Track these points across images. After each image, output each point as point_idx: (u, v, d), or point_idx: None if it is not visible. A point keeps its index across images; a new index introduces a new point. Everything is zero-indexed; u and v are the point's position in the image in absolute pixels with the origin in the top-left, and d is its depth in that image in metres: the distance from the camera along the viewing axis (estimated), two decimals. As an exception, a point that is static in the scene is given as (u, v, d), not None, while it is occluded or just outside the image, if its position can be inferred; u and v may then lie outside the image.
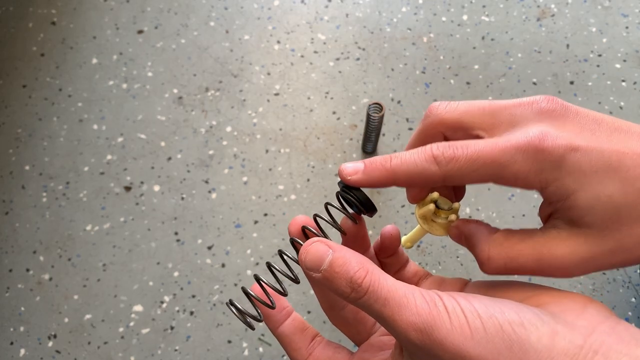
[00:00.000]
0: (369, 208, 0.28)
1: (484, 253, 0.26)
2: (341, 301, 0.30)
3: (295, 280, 0.28)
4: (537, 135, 0.23)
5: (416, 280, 0.32)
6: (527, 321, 0.22)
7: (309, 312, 0.59)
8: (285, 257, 0.28)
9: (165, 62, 0.77)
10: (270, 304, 0.28)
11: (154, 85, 0.75)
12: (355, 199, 0.28)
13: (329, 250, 0.24)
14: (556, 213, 0.25)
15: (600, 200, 0.24)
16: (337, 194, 0.29)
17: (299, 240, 0.27)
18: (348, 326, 0.32)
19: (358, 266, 0.24)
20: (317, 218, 0.28)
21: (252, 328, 0.29)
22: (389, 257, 0.31)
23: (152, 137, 0.71)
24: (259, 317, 0.28)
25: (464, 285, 0.29)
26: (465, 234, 0.27)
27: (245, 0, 0.83)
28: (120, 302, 0.60)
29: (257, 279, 0.28)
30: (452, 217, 0.28)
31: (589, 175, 0.24)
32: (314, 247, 0.25)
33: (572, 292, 0.24)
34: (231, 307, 0.28)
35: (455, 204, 0.28)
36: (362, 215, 0.29)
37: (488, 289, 0.27)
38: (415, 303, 0.22)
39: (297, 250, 0.26)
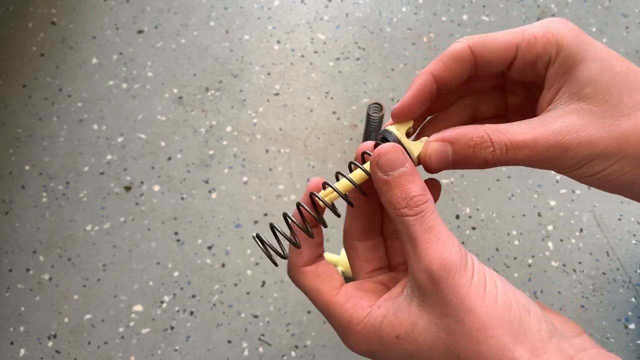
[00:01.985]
0: None
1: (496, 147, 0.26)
2: (363, 233, 0.30)
3: (349, 203, 0.28)
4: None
5: None
6: (534, 312, 0.23)
7: (309, 312, 0.59)
8: (353, 166, 0.27)
9: (165, 62, 0.77)
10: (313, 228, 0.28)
11: (154, 85, 0.75)
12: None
13: (406, 163, 0.25)
14: (557, 93, 0.27)
15: (604, 73, 0.25)
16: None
17: (369, 152, 0.27)
18: (354, 257, 0.31)
19: (424, 191, 0.25)
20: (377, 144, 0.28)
21: (277, 264, 0.28)
22: None
23: (152, 137, 0.71)
24: (296, 242, 0.28)
25: None
26: (453, 140, 0.27)
27: (245, 0, 0.83)
28: (120, 302, 0.60)
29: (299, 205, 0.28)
30: (425, 138, 0.28)
31: (599, 52, 0.26)
32: (396, 151, 0.25)
33: (570, 320, 0.26)
34: (257, 240, 0.27)
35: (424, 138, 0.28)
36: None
37: None
38: (453, 245, 0.24)
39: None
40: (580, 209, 0.65)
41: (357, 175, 0.27)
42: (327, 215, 0.29)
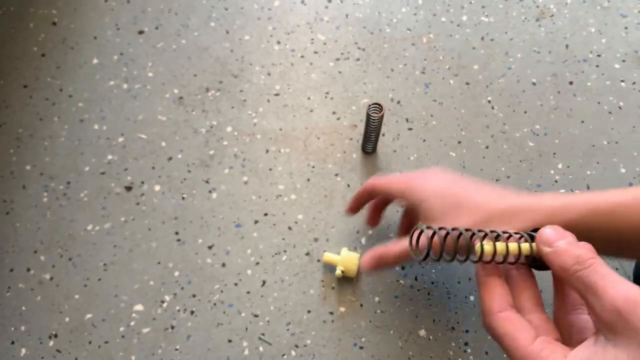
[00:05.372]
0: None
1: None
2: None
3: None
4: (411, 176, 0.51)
5: None
6: None
7: (308, 312, 0.59)
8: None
9: (166, 63, 0.77)
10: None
11: (155, 86, 0.75)
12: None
13: (565, 234, 0.31)
14: (417, 216, 0.48)
15: (435, 205, 0.44)
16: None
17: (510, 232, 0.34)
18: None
19: (590, 251, 0.29)
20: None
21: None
22: None
23: (152, 137, 0.71)
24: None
25: None
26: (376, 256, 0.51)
27: (245, 0, 0.83)
28: (121, 302, 0.60)
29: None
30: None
31: (432, 194, 0.45)
32: (556, 228, 0.31)
33: None
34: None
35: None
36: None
37: None
38: (631, 284, 0.27)
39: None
40: (580, 208, 0.65)
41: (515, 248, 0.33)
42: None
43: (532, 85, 0.75)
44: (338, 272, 0.58)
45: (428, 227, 0.33)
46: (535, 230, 0.33)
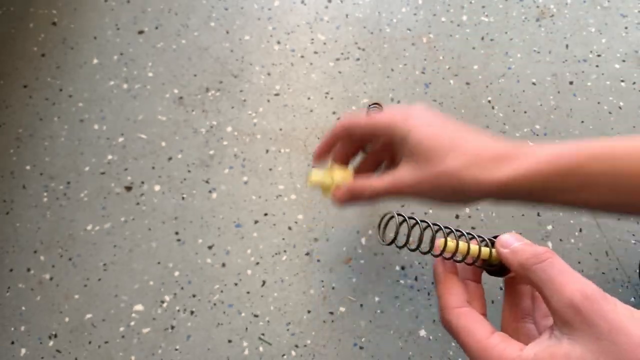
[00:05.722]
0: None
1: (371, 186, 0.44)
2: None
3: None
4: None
5: None
6: None
7: (308, 312, 0.59)
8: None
9: (166, 63, 0.77)
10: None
11: (155, 86, 0.75)
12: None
13: (522, 239, 0.32)
14: (398, 154, 0.42)
15: (424, 139, 0.40)
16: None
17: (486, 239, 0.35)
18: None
19: (542, 247, 0.30)
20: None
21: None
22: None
23: (152, 137, 0.71)
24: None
25: None
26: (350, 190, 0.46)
27: (245, 0, 0.83)
28: (120, 302, 0.60)
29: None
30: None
31: (421, 125, 0.40)
32: (514, 234, 0.32)
33: None
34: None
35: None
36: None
37: None
38: (588, 281, 0.27)
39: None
40: (580, 208, 0.65)
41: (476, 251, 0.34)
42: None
43: (532, 85, 0.75)
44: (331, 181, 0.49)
45: (398, 214, 0.34)
46: (496, 237, 0.34)
